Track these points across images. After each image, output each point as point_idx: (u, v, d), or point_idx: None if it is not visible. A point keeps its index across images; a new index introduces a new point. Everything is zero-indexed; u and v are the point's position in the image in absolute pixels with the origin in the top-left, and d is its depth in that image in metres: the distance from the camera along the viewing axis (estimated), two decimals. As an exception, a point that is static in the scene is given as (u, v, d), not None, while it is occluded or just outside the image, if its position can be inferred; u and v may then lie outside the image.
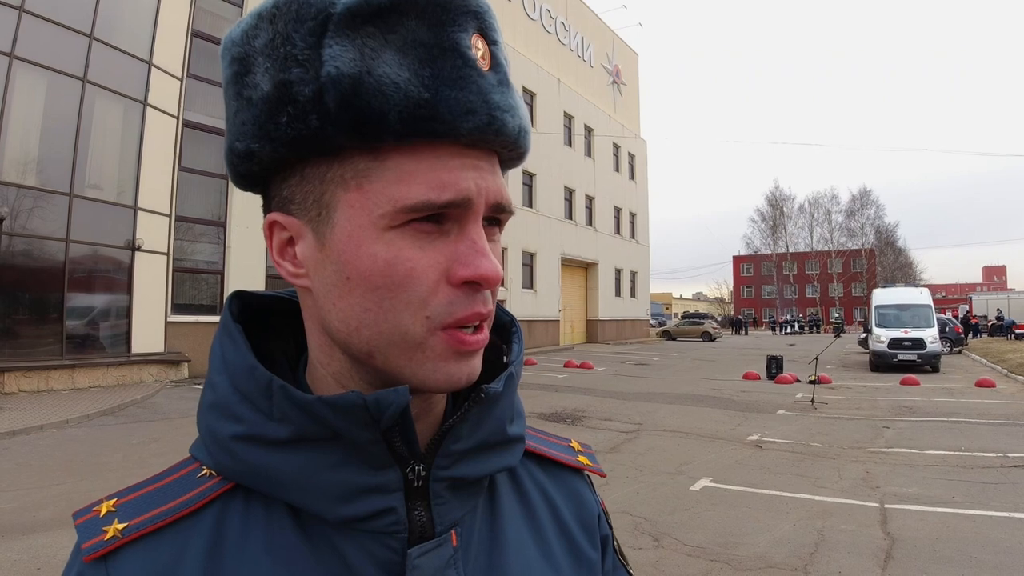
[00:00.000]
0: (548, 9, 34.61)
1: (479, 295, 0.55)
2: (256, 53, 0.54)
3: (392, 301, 0.53)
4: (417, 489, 0.58)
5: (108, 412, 11.48)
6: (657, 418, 11.83)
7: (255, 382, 0.56)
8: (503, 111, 0.54)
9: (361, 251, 0.52)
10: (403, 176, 0.52)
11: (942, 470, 7.95)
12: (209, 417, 0.58)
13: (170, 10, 16.48)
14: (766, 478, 7.69)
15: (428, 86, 0.50)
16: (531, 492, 0.70)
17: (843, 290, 78.07)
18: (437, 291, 0.53)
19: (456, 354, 0.55)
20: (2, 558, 5.06)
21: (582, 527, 0.72)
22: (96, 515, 0.57)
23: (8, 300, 12.67)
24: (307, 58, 0.51)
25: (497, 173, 0.57)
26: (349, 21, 0.51)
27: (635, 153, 45.13)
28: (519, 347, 0.66)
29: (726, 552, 5.34)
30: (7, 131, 12.96)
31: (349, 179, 0.52)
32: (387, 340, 0.54)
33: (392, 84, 0.50)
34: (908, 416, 12.04)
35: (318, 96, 0.50)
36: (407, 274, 0.52)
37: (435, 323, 0.53)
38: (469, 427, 0.59)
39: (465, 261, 0.53)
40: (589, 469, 0.78)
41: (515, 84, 0.59)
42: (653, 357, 27.79)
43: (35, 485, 7.05)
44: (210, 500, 0.57)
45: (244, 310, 0.65)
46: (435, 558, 0.57)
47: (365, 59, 0.50)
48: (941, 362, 21.25)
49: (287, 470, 0.55)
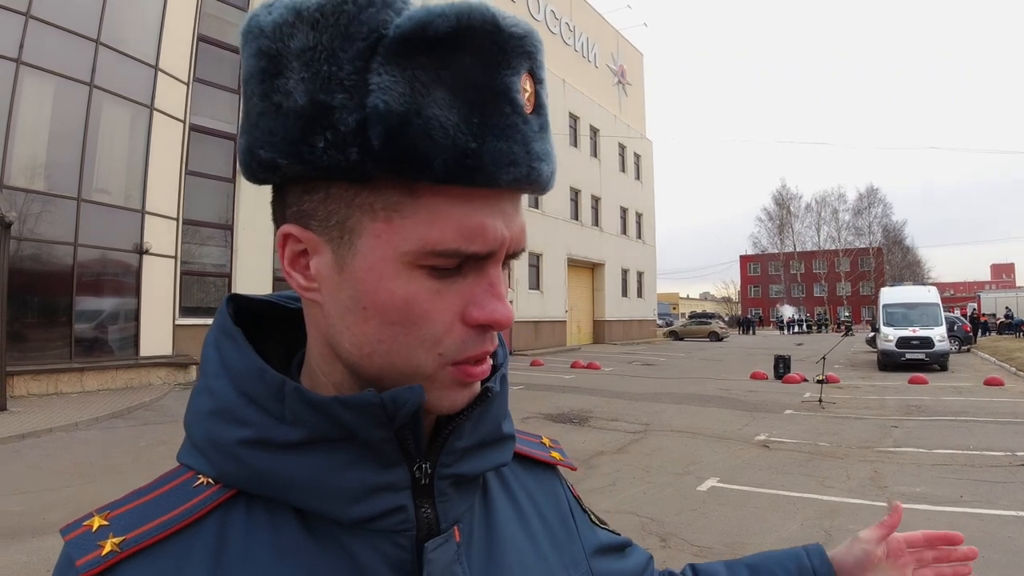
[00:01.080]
0: (552, 10, 34.61)
1: (489, 334, 0.55)
2: (291, 56, 0.50)
3: (406, 337, 0.53)
4: (423, 487, 0.58)
5: (117, 415, 11.51)
6: (664, 418, 11.83)
7: (265, 385, 0.55)
8: (541, 160, 0.53)
9: (381, 284, 0.52)
10: (435, 218, 0.50)
11: (951, 469, 7.93)
12: (209, 423, 0.57)
13: (176, 15, 16.52)
14: (774, 478, 7.68)
15: (476, 134, 0.49)
16: (516, 490, 0.72)
17: (851, 289, 77.79)
18: (451, 331, 0.53)
19: (461, 384, 0.56)
20: (12, 560, 5.09)
21: (559, 519, 0.74)
22: (88, 530, 0.54)
23: (17, 304, 12.71)
24: (353, 84, 0.48)
25: (520, 213, 0.56)
26: (402, 49, 0.48)
27: (641, 153, 45.07)
28: (503, 350, 0.67)
29: (734, 552, 5.32)
30: (15, 136, 13.02)
31: (379, 209, 0.51)
32: (398, 371, 0.54)
33: (441, 128, 0.47)
34: (916, 415, 12.00)
35: (361, 128, 0.48)
36: (423, 315, 0.52)
37: (446, 360, 0.54)
38: (471, 425, 0.60)
39: (481, 304, 0.53)
40: (561, 464, 0.80)
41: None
42: (660, 357, 27.75)
43: (44, 487, 7.09)
44: (211, 509, 0.55)
45: (239, 313, 0.64)
46: (444, 553, 0.58)
47: (416, 95, 0.47)
48: (949, 361, 21.14)
49: (297, 473, 0.54)
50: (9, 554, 5.21)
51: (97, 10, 14.52)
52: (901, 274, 71.25)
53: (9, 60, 12.85)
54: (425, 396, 0.54)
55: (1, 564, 5.02)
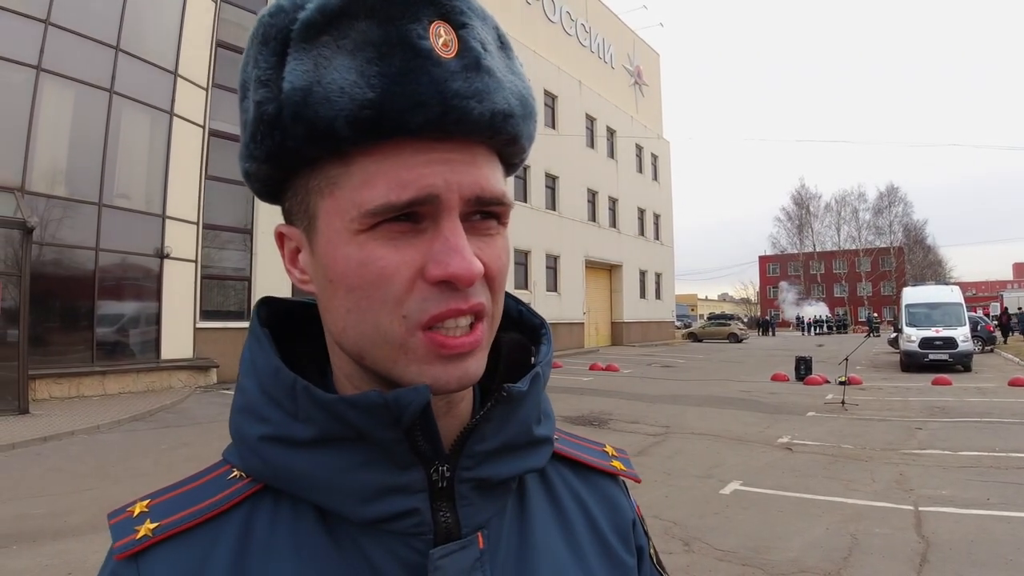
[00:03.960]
0: (568, 11, 34.62)
1: (458, 292, 0.53)
2: (248, 78, 0.56)
3: (369, 301, 0.53)
4: (442, 490, 0.58)
5: (138, 417, 11.61)
6: (685, 421, 11.75)
7: (280, 383, 0.56)
8: (465, 98, 0.52)
9: (337, 254, 0.53)
10: (367, 179, 0.52)
11: (976, 471, 7.81)
12: (239, 419, 0.60)
13: (194, 21, 16.70)
14: (797, 481, 7.59)
15: (374, 85, 0.50)
16: (563, 496, 0.69)
17: (872, 289, 77.21)
18: (412, 290, 0.53)
19: (439, 357, 0.54)
20: (33, 563, 5.12)
21: (616, 532, 0.71)
22: (129, 515, 0.58)
23: (39, 308, 12.84)
24: (270, 78, 0.52)
25: (477, 164, 0.55)
26: (306, 34, 0.51)
27: (658, 154, 44.94)
28: (547, 348, 0.66)
29: (758, 557, 5.27)
30: (36, 142, 13.18)
31: (323, 187, 0.54)
32: (370, 340, 0.54)
33: (338, 89, 0.50)
34: (941, 417, 11.85)
35: (279, 112, 0.52)
36: (379, 273, 0.52)
37: (412, 322, 0.53)
38: (493, 427, 0.59)
39: (437, 259, 0.52)
40: (624, 474, 0.77)
41: (501, 67, 0.56)
42: (679, 359, 27.64)
43: (66, 490, 7.14)
44: (239, 501, 0.58)
45: (273, 316, 0.66)
46: (460, 559, 0.57)
47: (318, 68, 0.51)
48: (973, 361, 20.91)
49: (312, 470, 0.55)
50: (31, 557, 5.24)
51: (116, 17, 14.70)
52: (923, 273, 70.73)
53: (30, 67, 13.01)
54: (431, 396, 0.53)
55: (23, 567, 5.04)
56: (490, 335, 0.58)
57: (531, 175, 30.02)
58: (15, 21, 12.77)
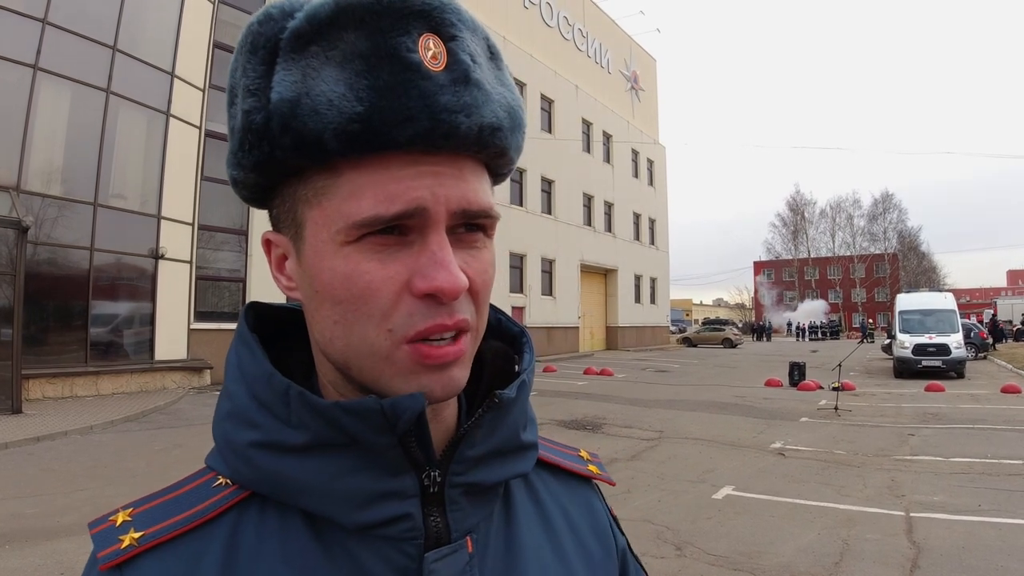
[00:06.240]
0: (565, 16, 34.69)
1: (444, 307, 0.53)
2: (236, 84, 0.55)
3: (355, 314, 0.53)
4: (433, 495, 0.58)
5: (132, 418, 11.58)
6: (678, 425, 11.76)
7: (272, 389, 0.56)
8: (453, 112, 0.52)
9: (324, 264, 0.53)
10: (355, 191, 0.52)
11: (968, 478, 7.84)
12: (226, 425, 0.59)
13: (192, 22, 16.70)
14: (790, 486, 7.61)
15: (362, 98, 0.50)
16: (546, 500, 0.71)
17: (866, 295, 77.36)
18: (399, 304, 0.53)
19: (424, 367, 0.54)
20: (26, 563, 5.11)
21: (595, 535, 0.72)
22: (112, 524, 0.57)
23: (33, 308, 12.82)
24: (258, 87, 0.52)
25: (464, 177, 0.55)
26: (295, 44, 0.52)
27: (654, 159, 45.03)
28: (530, 356, 0.67)
29: (750, 561, 5.28)
30: (32, 141, 13.16)
31: (311, 197, 0.54)
32: (356, 352, 0.54)
33: (327, 102, 0.50)
34: (933, 423, 11.88)
35: (267, 123, 0.52)
36: (366, 287, 0.52)
37: (398, 335, 0.53)
38: (484, 433, 0.59)
39: (423, 273, 0.52)
40: (598, 478, 0.78)
41: (491, 79, 0.57)
42: (674, 364, 27.65)
43: (59, 490, 7.12)
44: (225, 509, 0.57)
45: (260, 320, 0.65)
46: (451, 563, 0.58)
47: (306, 79, 0.51)
48: (966, 368, 20.97)
49: (303, 476, 0.55)
50: (23, 556, 5.23)
51: (114, 17, 14.69)
52: (917, 280, 70.84)
53: (26, 66, 13.00)
54: (426, 403, 0.53)
55: (15, 567, 5.04)
56: (473, 347, 0.58)
57: (527, 179, 30.05)
58: (12, 20, 12.77)
